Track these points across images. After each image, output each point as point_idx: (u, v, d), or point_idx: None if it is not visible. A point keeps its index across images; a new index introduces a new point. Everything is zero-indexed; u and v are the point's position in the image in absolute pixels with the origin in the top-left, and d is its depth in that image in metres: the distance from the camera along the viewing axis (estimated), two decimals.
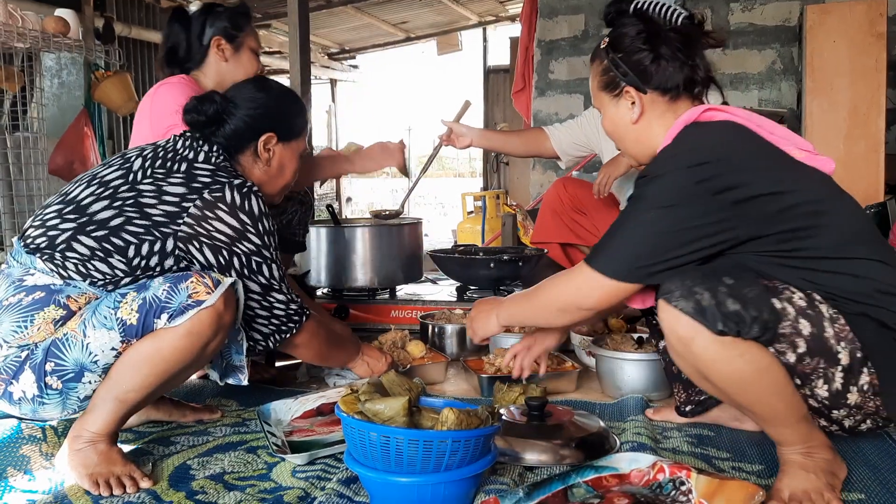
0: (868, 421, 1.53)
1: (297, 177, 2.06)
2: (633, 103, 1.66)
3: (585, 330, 2.55)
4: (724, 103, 1.70)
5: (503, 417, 1.78)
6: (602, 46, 1.71)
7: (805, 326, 1.43)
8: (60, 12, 4.26)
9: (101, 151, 4.69)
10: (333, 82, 13.08)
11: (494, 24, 10.85)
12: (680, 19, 1.64)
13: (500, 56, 11.02)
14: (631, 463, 1.58)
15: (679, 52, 1.62)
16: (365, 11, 9.29)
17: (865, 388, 1.46)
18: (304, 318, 1.90)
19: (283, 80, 2.51)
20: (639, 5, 1.67)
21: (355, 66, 13.06)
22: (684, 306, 1.41)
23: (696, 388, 1.90)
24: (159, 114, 2.32)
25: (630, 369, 2.15)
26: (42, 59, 4.85)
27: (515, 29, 9.28)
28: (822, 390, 1.47)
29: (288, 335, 1.88)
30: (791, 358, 1.44)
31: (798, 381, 1.47)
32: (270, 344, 1.88)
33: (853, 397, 1.47)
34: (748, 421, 1.87)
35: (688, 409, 1.93)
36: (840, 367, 1.45)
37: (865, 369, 1.45)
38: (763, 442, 1.76)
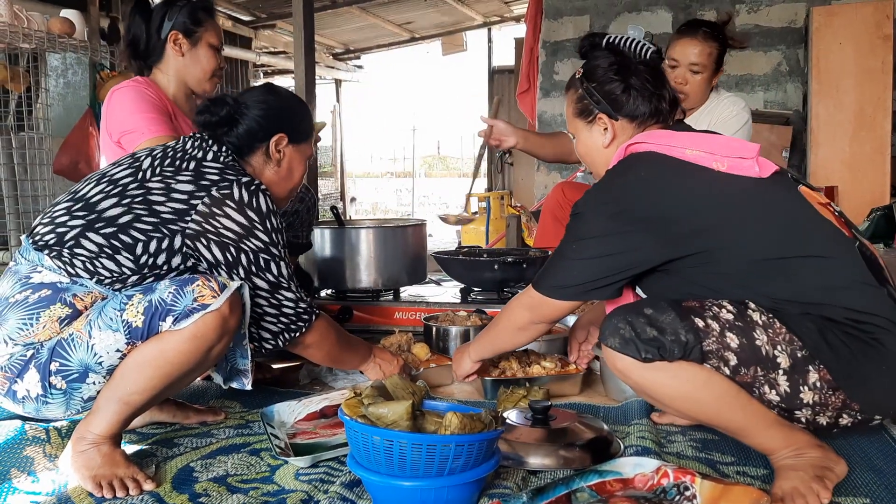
0: (844, 415, 1.55)
1: (303, 182, 2.07)
2: (606, 129, 1.81)
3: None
4: (681, 119, 1.87)
5: (507, 421, 1.78)
6: (577, 76, 1.86)
7: (732, 339, 1.50)
8: (66, 13, 4.27)
9: None
10: (338, 82, 13.09)
11: (499, 24, 10.85)
12: (648, 53, 1.82)
13: (505, 56, 11.01)
14: (635, 467, 1.58)
15: (647, 83, 1.78)
16: (370, 12, 9.29)
17: (818, 384, 1.50)
18: (314, 317, 1.90)
19: (289, 81, 2.52)
20: (611, 40, 1.84)
21: (360, 67, 13.07)
22: (612, 343, 1.54)
23: None
24: (113, 121, 2.35)
25: None
26: (47, 59, 4.85)
27: (520, 29, 9.26)
28: (772, 395, 1.52)
29: (297, 334, 1.88)
30: (726, 371, 1.50)
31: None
32: (280, 343, 1.88)
33: (808, 396, 1.51)
34: None
35: None
36: (781, 371, 1.50)
37: (812, 367, 1.50)
38: None
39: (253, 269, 1.79)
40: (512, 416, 1.82)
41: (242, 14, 8.89)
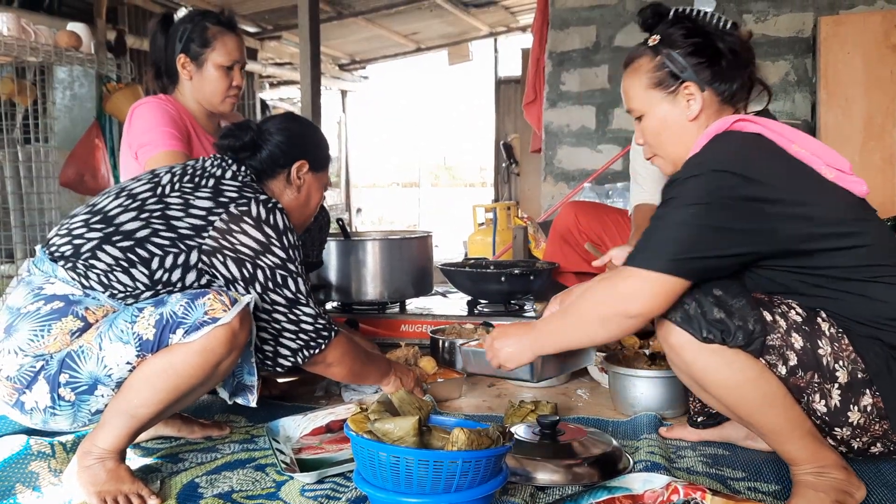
0: (878, 444, 1.51)
1: (317, 211, 2.11)
2: (692, 100, 1.64)
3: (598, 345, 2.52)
4: (766, 110, 1.69)
5: (514, 436, 1.75)
6: (651, 44, 1.67)
7: (797, 340, 1.45)
8: (72, 26, 4.29)
9: (113, 163, 4.70)
10: (344, 93, 13.13)
11: (505, 34, 10.86)
12: (728, 25, 1.65)
13: (511, 67, 11.02)
14: (644, 483, 1.56)
15: (737, 55, 1.63)
16: (376, 23, 9.32)
17: (868, 409, 1.46)
18: (334, 334, 1.89)
19: (294, 91, 2.51)
20: (680, 10, 1.67)
21: (365, 77, 13.10)
22: (672, 316, 1.46)
23: None
24: (132, 135, 2.36)
25: (643, 386, 2.12)
26: (54, 71, 4.87)
27: (526, 39, 9.27)
28: (819, 405, 1.48)
29: (317, 351, 1.87)
30: (782, 370, 1.46)
31: (793, 395, 1.48)
32: (299, 359, 1.86)
33: (855, 416, 1.47)
34: (761, 441, 1.84)
35: (699, 419, 1.90)
36: (837, 385, 1.46)
37: (868, 391, 1.45)
38: (779, 461, 1.73)
39: (269, 285, 1.79)
40: (520, 431, 1.80)
41: (248, 25, 8.92)
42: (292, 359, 1.86)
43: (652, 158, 1.76)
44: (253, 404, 1.83)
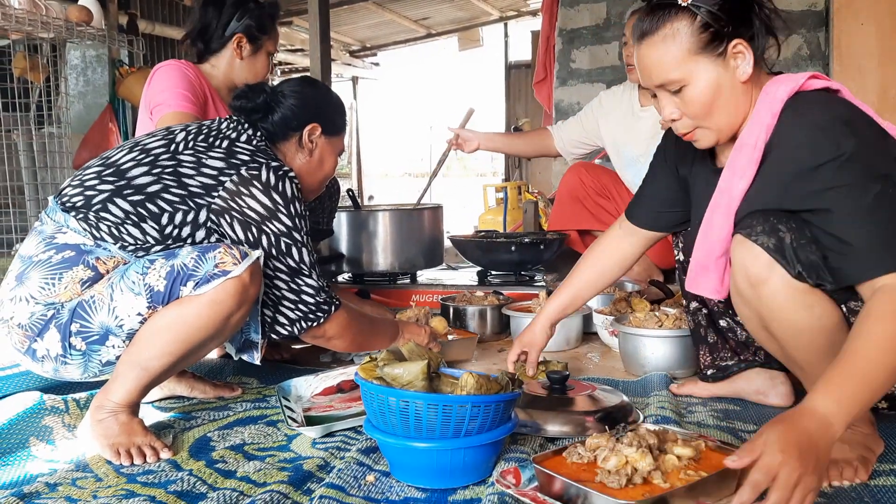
0: None
1: (332, 174, 2.10)
2: (742, 59, 1.46)
3: (608, 310, 2.52)
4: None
5: (525, 390, 1.75)
6: (683, 3, 1.45)
7: None
8: (83, 2, 4.30)
9: None
10: (355, 80, 13.11)
11: (516, 18, 10.82)
12: None
13: (522, 52, 10.97)
14: None
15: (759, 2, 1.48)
16: (386, 7, 9.29)
17: None
18: (334, 309, 1.88)
19: None
20: None
21: (376, 64, 13.08)
22: (765, 241, 1.35)
23: (721, 352, 1.87)
24: (150, 94, 2.39)
25: (654, 346, 2.12)
26: (67, 57, 4.90)
27: (537, 23, 9.23)
28: None
29: (315, 324, 1.86)
30: None
31: None
32: (296, 330, 1.85)
33: None
34: (772, 395, 1.84)
35: (710, 372, 1.90)
36: None
37: None
38: None
39: (273, 251, 1.78)
40: (530, 386, 1.80)
41: None
42: (290, 328, 1.84)
43: (690, 133, 1.54)
44: (257, 362, 1.84)
